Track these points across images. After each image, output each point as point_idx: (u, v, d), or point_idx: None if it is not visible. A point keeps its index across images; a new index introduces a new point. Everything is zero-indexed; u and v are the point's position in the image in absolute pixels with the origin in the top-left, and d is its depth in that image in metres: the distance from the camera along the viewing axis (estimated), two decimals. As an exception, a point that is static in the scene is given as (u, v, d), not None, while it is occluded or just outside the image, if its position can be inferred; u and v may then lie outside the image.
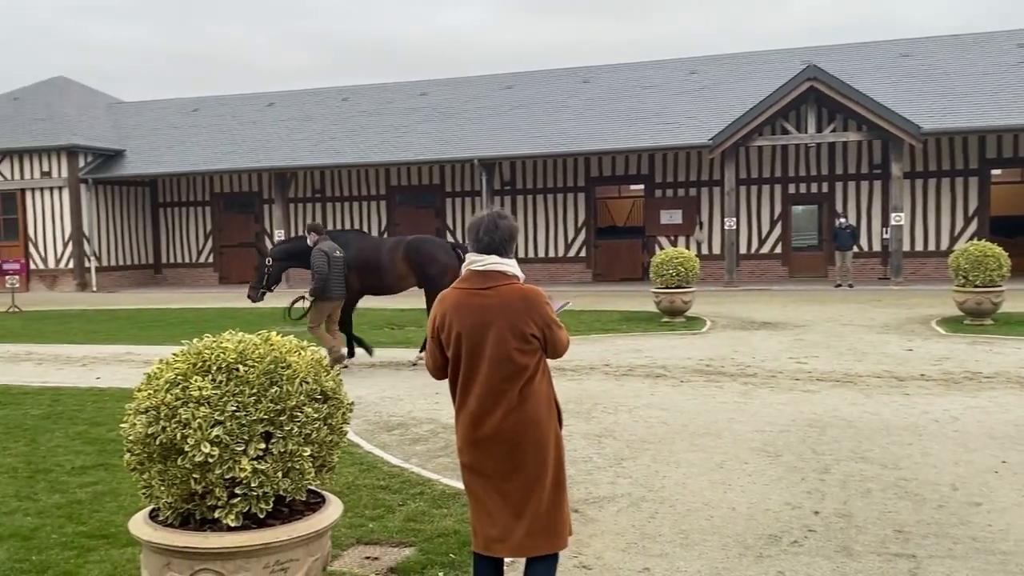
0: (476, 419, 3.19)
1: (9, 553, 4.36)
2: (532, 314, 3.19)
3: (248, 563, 2.98)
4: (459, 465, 3.36)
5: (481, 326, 3.16)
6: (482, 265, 3.24)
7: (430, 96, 27.88)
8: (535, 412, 3.19)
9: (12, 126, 28.20)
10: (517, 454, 3.16)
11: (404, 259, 10.58)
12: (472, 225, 3.32)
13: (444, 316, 3.23)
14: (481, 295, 3.20)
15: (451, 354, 3.22)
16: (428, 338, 3.33)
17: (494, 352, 3.15)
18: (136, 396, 3.17)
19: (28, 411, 7.93)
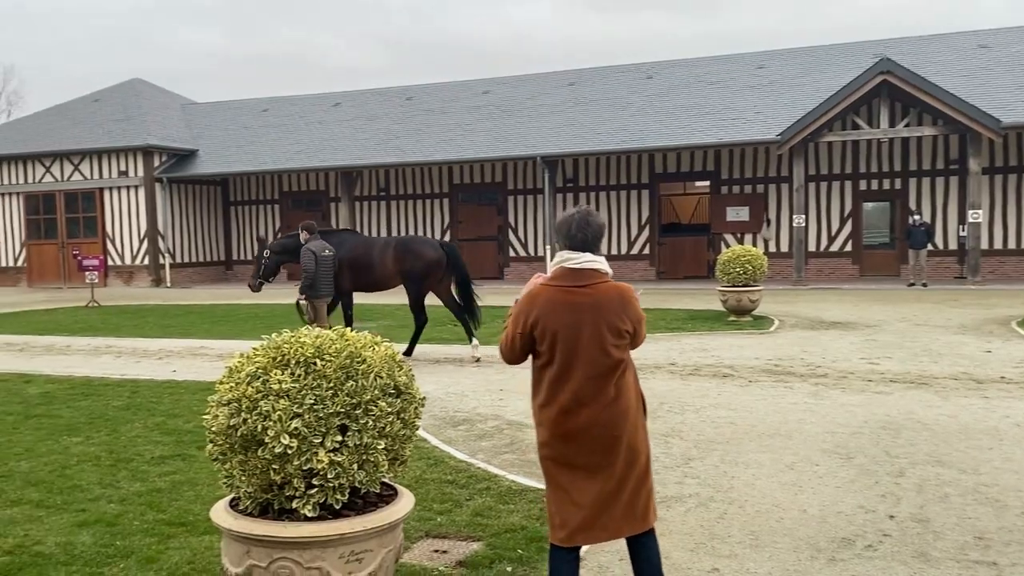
0: (570, 412, 3.22)
1: (95, 538, 4.54)
2: (627, 311, 3.27)
3: (324, 553, 3.05)
4: (539, 459, 3.38)
5: (578, 324, 3.20)
6: (578, 263, 3.27)
7: (492, 94, 27.99)
8: (627, 404, 3.28)
9: (91, 127, 29.31)
10: (612, 445, 3.23)
11: (393, 257, 10.85)
12: (563, 222, 3.33)
13: (538, 313, 3.25)
14: (578, 293, 3.23)
15: (543, 349, 3.24)
16: (511, 330, 3.34)
17: (592, 348, 3.20)
18: (218, 389, 3.27)
19: (109, 402, 8.24)
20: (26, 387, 9.16)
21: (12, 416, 7.63)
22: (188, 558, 4.22)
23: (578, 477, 3.24)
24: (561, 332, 3.21)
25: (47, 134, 29.59)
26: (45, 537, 4.56)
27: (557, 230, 3.37)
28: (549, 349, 3.24)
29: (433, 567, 4.09)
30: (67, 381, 9.51)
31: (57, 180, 28.36)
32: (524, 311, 3.29)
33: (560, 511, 3.27)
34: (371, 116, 28.43)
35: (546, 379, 3.27)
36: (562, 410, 3.23)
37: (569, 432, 3.22)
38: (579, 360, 3.21)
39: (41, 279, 28.75)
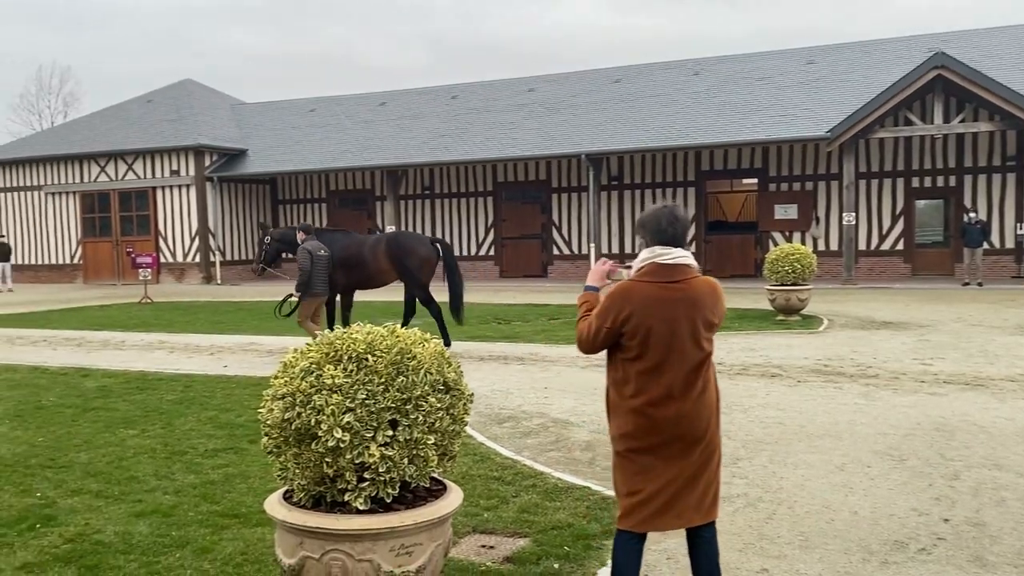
0: (660, 405, 3.26)
1: (152, 528, 4.67)
2: (718, 305, 3.36)
3: (375, 546, 3.10)
4: (615, 448, 3.40)
5: (673, 319, 3.24)
6: (671, 259, 3.30)
7: (537, 92, 27.99)
8: (711, 397, 3.36)
9: (145, 127, 30.01)
10: (696, 437, 3.29)
11: (385, 254, 11.12)
12: (652, 218, 3.35)
13: (631, 309, 3.25)
14: (671, 288, 3.27)
15: (633, 344, 3.26)
16: (597, 323, 3.34)
17: (686, 342, 3.25)
18: (273, 383, 3.33)
19: (163, 396, 8.44)
20: (84, 381, 9.42)
21: (71, 409, 7.86)
22: (241, 549, 4.31)
23: (658, 467, 3.29)
24: (656, 327, 3.23)
25: (102, 134, 30.38)
26: (104, 526, 4.69)
27: (643, 226, 3.38)
28: (641, 344, 3.26)
29: (480, 562, 4.12)
30: (123, 375, 9.76)
31: (112, 179, 29.08)
32: (615, 306, 3.29)
33: (634, 499, 3.32)
34: (416, 115, 28.63)
35: (634, 372, 3.29)
36: (651, 402, 3.27)
37: (656, 424, 3.27)
38: (673, 354, 3.25)
39: (96, 276, 29.52)
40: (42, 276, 30.36)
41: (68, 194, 29.84)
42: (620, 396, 3.36)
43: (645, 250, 3.36)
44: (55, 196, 30.05)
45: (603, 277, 3.61)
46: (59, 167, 29.90)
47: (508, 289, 22.41)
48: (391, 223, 26.06)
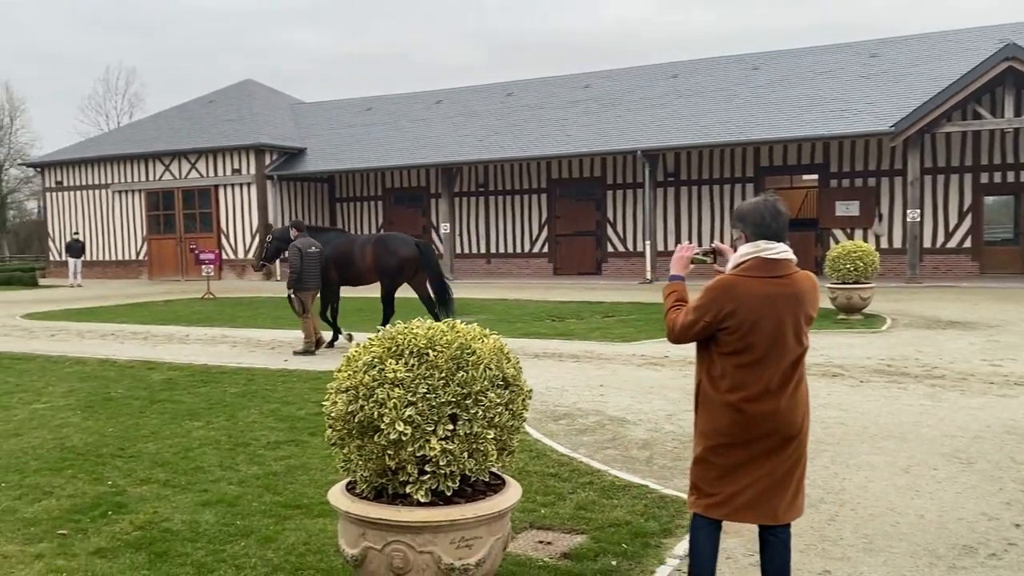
0: (757, 400, 3.25)
1: (217, 517, 4.79)
2: (817, 300, 3.38)
3: (436, 538, 3.13)
4: (706, 439, 3.38)
5: (778, 314, 3.24)
6: (775, 254, 3.29)
7: (592, 88, 27.88)
8: (805, 392, 3.37)
9: (207, 127, 30.75)
10: (791, 432, 3.29)
11: (372, 253, 11.70)
12: (754, 211, 3.33)
13: (734, 305, 3.24)
14: (776, 284, 3.26)
15: (734, 338, 3.24)
16: (695, 316, 3.31)
17: (789, 337, 3.25)
18: (336, 376, 3.39)
19: (227, 389, 8.64)
20: (150, 374, 9.70)
21: (139, 401, 8.11)
22: (304, 539, 4.40)
23: (754, 462, 3.29)
24: (760, 323, 3.22)
25: (166, 134, 31.22)
26: (172, 515, 4.83)
27: (742, 219, 3.35)
28: (743, 339, 3.24)
29: (538, 558, 4.13)
30: (187, 368, 10.02)
31: (175, 178, 29.87)
32: (717, 301, 3.26)
33: (723, 494, 3.32)
34: (471, 113, 28.77)
35: (732, 366, 3.28)
36: (749, 397, 3.25)
37: (752, 420, 3.26)
38: (775, 350, 3.24)
39: (160, 272, 30.36)
40: (109, 272, 31.35)
41: (134, 192, 30.73)
42: (716, 390, 3.33)
43: (747, 244, 3.33)
44: (122, 194, 30.98)
45: (686, 264, 3.60)
46: (125, 166, 30.82)
47: (562, 286, 22.38)
48: (445, 220, 26.24)
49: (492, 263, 27.84)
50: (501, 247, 27.74)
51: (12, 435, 6.79)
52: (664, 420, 7.01)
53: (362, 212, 30.32)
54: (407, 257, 11.61)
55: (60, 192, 32.43)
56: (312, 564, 4.08)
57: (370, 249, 11.70)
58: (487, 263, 27.92)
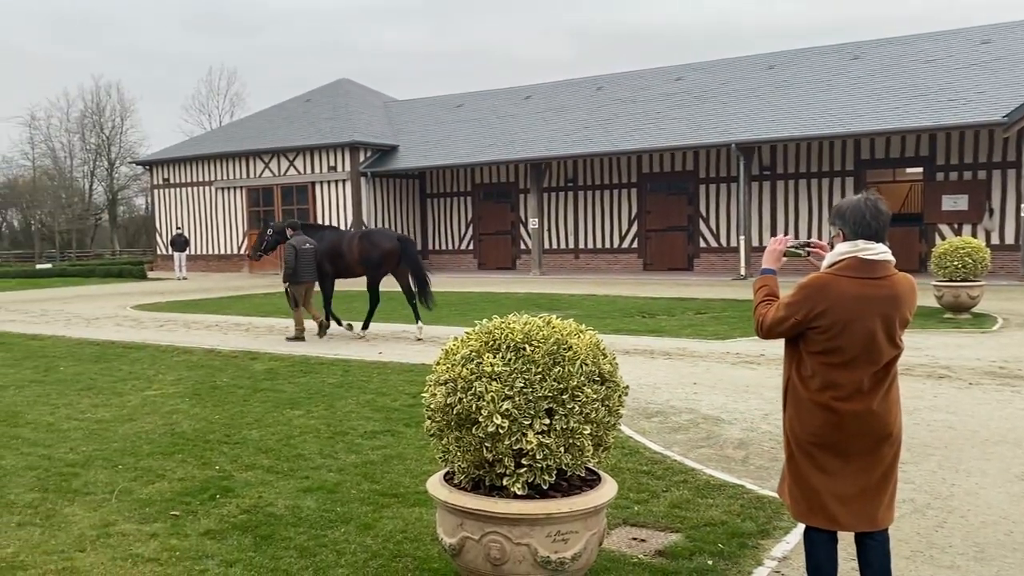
0: (848, 401, 3.20)
1: (318, 503, 4.95)
2: (914, 302, 3.30)
3: (532, 531, 3.16)
4: (797, 442, 3.32)
5: (873, 316, 3.17)
6: (874, 255, 3.21)
7: (685, 81, 27.45)
8: (897, 394, 3.30)
9: (304, 125, 31.68)
10: (884, 435, 3.23)
11: (357, 247, 12.51)
12: (854, 210, 3.24)
13: (826, 305, 3.18)
14: (874, 285, 3.19)
15: (826, 338, 3.18)
16: (785, 313, 3.26)
17: (884, 339, 3.19)
18: (435, 369, 3.46)
19: (325, 379, 8.91)
20: (253, 364, 10.08)
21: (242, 390, 8.44)
22: (401, 527, 4.50)
23: (848, 465, 3.23)
24: (852, 324, 3.16)
25: (265, 133, 32.31)
26: (275, 500, 5.01)
27: (841, 217, 3.27)
28: (833, 339, 3.18)
29: (632, 554, 4.11)
30: (288, 359, 10.37)
31: (274, 175, 30.88)
32: (809, 300, 3.20)
33: (820, 496, 3.26)
34: (561, 107, 28.73)
35: (822, 366, 3.22)
36: (840, 398, 3.20)
37: (844, 421, 3.20)
38: (868, 352, 3.18)
39: (260, 266, 31.43)
40: (212, 265, 32.68)
41: (235, 189, 31.93)
42: (806, 389, 3.27)
43: (845, 243, 3.24)
44: (224, 191, 32.23)
45: (779, 258, 3.52)
46: (227, 164, 32.04)
47: (652, 282, 22.13)
48: (534, 216, 26.30)
49: (580, 259, 27.76)
50: (590, 242, 27.63)
51: (127, 420, 7.17)
52: (760, 419, 6.87)
53: (452, 208, 30.68)
54: (388, 250, 12.35)
55: (166, 189, 33.98)
56: (409, 552, 4.17)
57: (356, 244, 12.56)
58: (575, 259, 27.85)
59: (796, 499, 3.33)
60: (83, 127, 60.87)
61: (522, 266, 28.60)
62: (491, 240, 29.75)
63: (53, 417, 7.33)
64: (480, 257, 30.03)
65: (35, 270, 36.16)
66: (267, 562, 4.09)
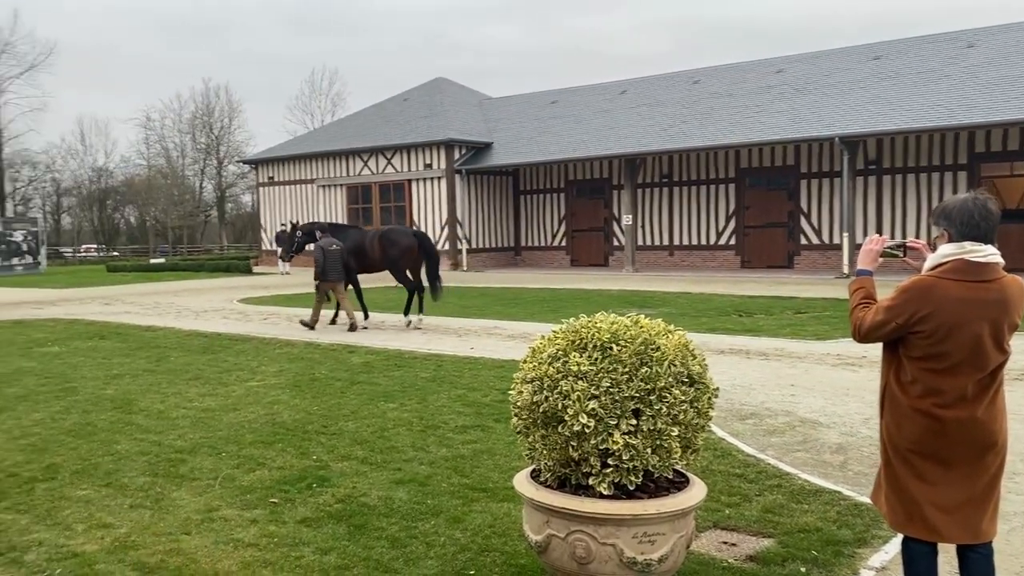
0: (951, 408, 3.09)
1: (410, 495, 5.05)
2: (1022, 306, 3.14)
3: (618, 531, 3.15)
4: (894, 450, 3.21)
5: (979, 320, 3.04)
6: (982, 257, 3.07)
7: (786, 73, 26.67)
8: (1003, 402, 3.16)
9: (401, 124, 32.31)
10: (988, 444, 3.10)
11: (378, 245, 13.48)
12: (961, 210, 3.11)
13: (930, 308, 3.07)
14: (981, 288, 3.06)
15: (928, 343, 3.07)
16: (886, 317, 3.14)
17: (991, 344, 3.06)
18: (522, 367, 3.48)
19: (418, 374, 9.08)
20: (350, 357, 10.36)
21: (340, 382, 8.69)
22: (489, 522, 4.55)
23: (949, 473, 3.11)
24: (957, 329, 3.03)
25: (365, 131, 33.12)
26: (369, 491, 5.15)
27: (947, 217, 3.13)
28: (936, 344, 3.06)
29: (722, 558, 4.04)
30: (383, 353, 10.62)
31: (373, 173, 31.63)
32: (911, 304, 3.09)
33: (920, 505, 3.15)
34: (656, 102, 28.37)
35: (923, 371, 3.11)
36: (942, 405, 3.08)
37: (947, 428, 3.08)
38: (973, 357, 3.05)
39: (359, 261, 32.27)
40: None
41: (336, 187, 32.86)
42: (905, 395, 3.15)
43: (950, 245, 3.10)
44: (325, 188, 33.21)
45: (876, 258, 3.39)
46: (329, 162, 33.00)
47: (750, 280, 21.62)
48: (627, 212, 26.07)
49: (675, 255, 27.37)
50: (685, 239, 27.20)
51: (231, 409, 7.49)
52: (860, 424, 6.63)
53: (545, 204, 30.72)
54: (407, 246, 13.38)
55: (271, 187, 35.25)
56: (497, 546, 4.22)
57: (377, 242, 13.54)
58: (670, 255, 27.47)
59: (893, 508, 3.21)
60: (194, 128, 63.85)
61: (615, 263, 28.40)
62: (584, 237, 29.66)
63: (164, 405, 7.72)
64: (572, 254, 29.98)
65: (149, 264, 38.19)
66: (360, 551, 4.20)
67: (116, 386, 8.71)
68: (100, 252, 58.00)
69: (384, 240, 13.51)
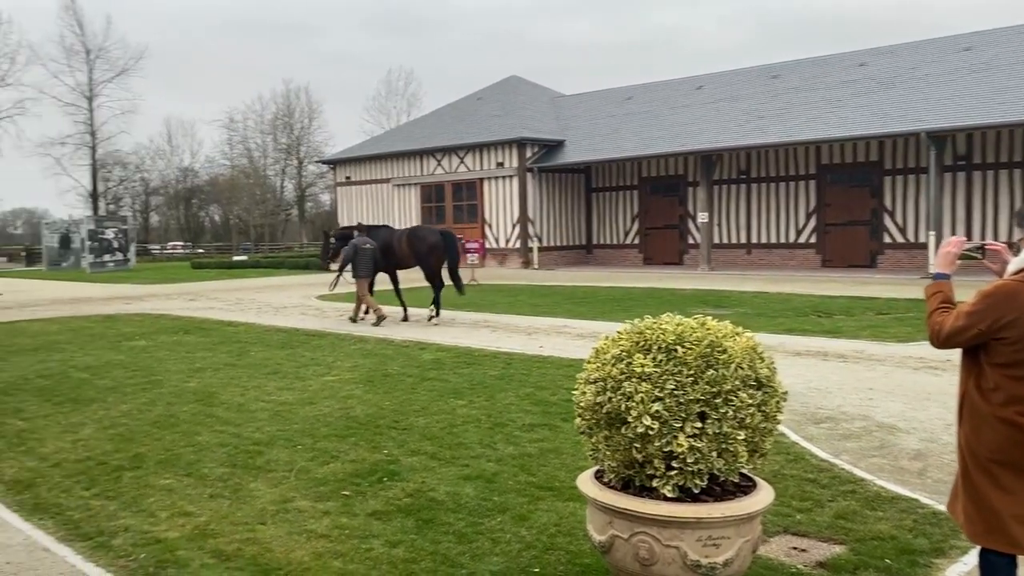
0: None
1: (477, 491, 5.11)
2: None
3: (682, 533, 3.13)
4: (975, 459, 3.12)
5: None
6: None
7: (869, 66, 25.85)
8: None
9: (474, 123, 32.55)
10: None
11: (407, 243, 14.22)
12: None
13: (1015, 313, 2.97)
14: None
15: (1012, 350, 2.98)
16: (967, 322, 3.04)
17: None
18: (585, 368, 3.49)
19: (487, 371, 9.15)
20: (421, 354, 10.52)
21: (411, 378, 8.83)
22: (555, 520, 4.58)
23: None
24: None
25: (439, 131, 33.49)
26: (437, 486, 5.23)
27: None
28: (1023, 351, 2.96)
29: (791, 564, 3.97)
30: (453, 350, 10.74)
31: (446, 172, 31.95)
32: (994, 308, 2.99)
33: (1000, 517, 3.04)
34: (734, 97, 27.87)
35: (1006, 378, 3.01)
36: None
37: None
38: None
39: (433, 259, 32.67)
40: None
41: (411, 186, 33.32)
42: (986, 402, 3.04)
43: None
44: (400, 187, 33.72)
45: (954, 261, 3.27)
46: (404, 162, 33.49)
47: (830, 280, 21.06)
48: (703, 209, 25.69)
49: (752, 254, 26.84)
50: (763, 237, 26.65)
51: (307, 403, 7.70)
52: (941, 430, 6.40)
53: (617, 202, 30.52)
54: (434, 243, 14.11)
55: (348, 186, 35.97)
56: (562, 545, 4.23)
57: (405, 239, 14.32)
58: (747, 254, 26.96)
59: (971, 519, 3.10)
60: (275, 128, 65.69)
61: (689, 261, 28.03)
62: (657, 234, 29.36)
63: (243, 398, 7.99)
64: (645, 252, 29.71)
65: (232, 261, 39.44)
66: (427, 545, 4.28)
67: (199, 379, 9.05)
68: (186, 249, 60.21)
69: (412, 237, 14.28)
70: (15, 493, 5.32)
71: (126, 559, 4.22)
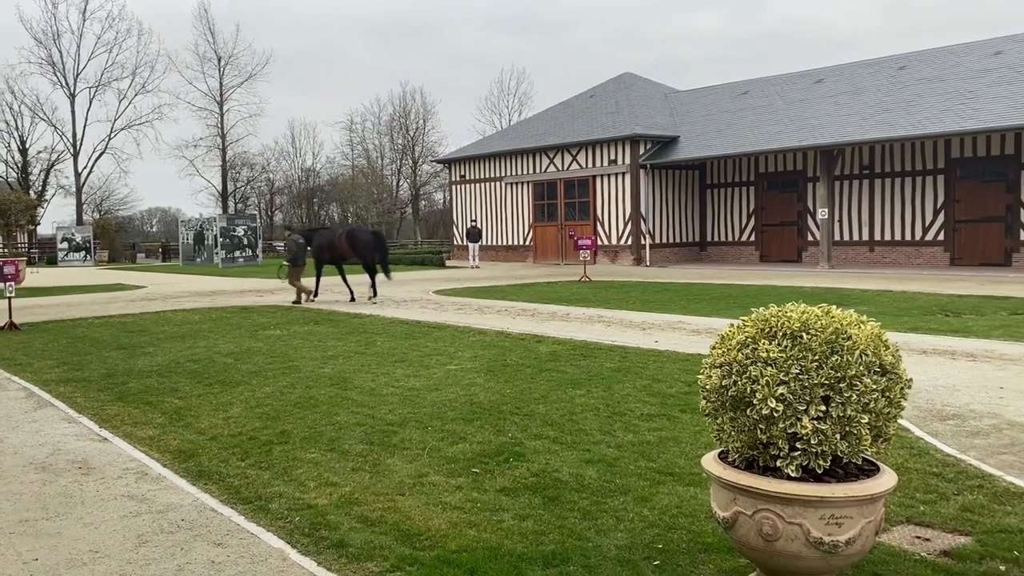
0: None
1: (598, 474, 5.34)
2: None
3: (805, 511, 3.27)
4: None
5: None
6: None
7: (1006, 55, 24.53)
8: None
9: (587, 120, 32.69)
10: None
11: (345, 240, 17.76)
12: None
13: None
14: None
15: None
16: None
17: None
18: (711, 353, 3.66)
19: (603, 364, 9.35)
20: (538, 346, 10.81)
21: (529, 369, 9.13)
22: (676, 503, 4.75)
23: None
24: None
25: (551, 129, 33.80)
26: (560, 467, 5.49)
27: None
28: None
29: (914, 552, 4.02)
30: (569, 343, 10.98)
31: (558, 169, 32.24)
32: None
33: None
34: (857, 90, 26.98)
35: None
36: None
37: None
38: None
39: (543, 256, 33.05)
40: (500, 255, 34.89)
41: (523, 184, 33.79)
42: None
43: None
44: (512, 185, 34.24)
45: None
46: (516, 160, 33.99)
47: (959, 278, 20.16)
48: (823, 206, 25.02)
49: (876, 251, 25.93)
50: (887, 234, 25.70)
51: (433, 390, 8.12)
52: (1079, 430, 6.19)
53: (732, 198, 30.04)
54: (368, 242, 17.84)
55: (462, 185, 36.77)
56: (684, 525, 4.42)
57: (344, 237, 17.80)
58: (870, 251, 26.06)
59: None
60: (392, 129, 67.64)
61: (808, 259, 27.32)
62: (774, 231, 28.75)
63: (374, 384, 8.48)
64: (762, 249, 29.15)
65: (352, 258, 40.92)
66: (554, 520, 4.54)
67: (332, 366, 9.64)
68: (308, 246, 62.75)
69: (350, 236, 17.84)
70: (180, 461, 5.90)
71: (283, 520, 4.67)
